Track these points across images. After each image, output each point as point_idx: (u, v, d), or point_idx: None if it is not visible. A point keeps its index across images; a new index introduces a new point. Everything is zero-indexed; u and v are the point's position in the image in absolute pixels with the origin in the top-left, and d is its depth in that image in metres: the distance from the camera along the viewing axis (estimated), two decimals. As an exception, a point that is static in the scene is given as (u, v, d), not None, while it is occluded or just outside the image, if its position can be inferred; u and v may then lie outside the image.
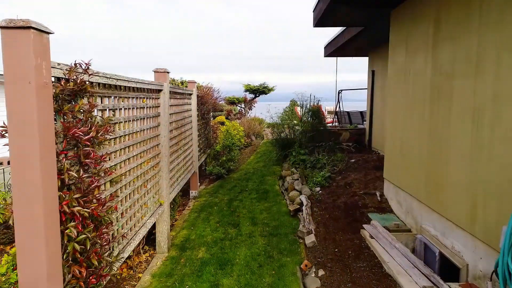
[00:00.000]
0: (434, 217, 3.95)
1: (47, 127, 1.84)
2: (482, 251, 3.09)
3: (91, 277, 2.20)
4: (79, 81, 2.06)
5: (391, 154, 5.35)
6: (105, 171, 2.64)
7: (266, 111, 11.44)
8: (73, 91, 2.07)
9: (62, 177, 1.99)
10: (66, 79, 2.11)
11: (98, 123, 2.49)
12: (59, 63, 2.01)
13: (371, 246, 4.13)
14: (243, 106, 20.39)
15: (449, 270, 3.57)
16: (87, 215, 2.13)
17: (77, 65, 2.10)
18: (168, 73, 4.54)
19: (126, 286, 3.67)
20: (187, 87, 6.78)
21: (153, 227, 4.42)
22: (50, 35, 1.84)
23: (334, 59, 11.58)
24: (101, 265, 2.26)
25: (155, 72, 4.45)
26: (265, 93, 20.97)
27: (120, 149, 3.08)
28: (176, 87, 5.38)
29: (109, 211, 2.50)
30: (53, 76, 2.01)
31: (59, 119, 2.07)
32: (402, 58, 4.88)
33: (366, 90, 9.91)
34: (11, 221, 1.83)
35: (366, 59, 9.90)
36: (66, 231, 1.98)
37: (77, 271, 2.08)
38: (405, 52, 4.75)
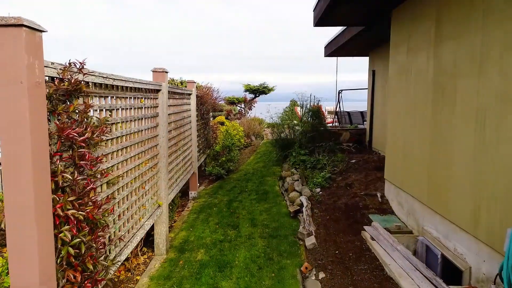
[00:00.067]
0: (436, 219, 3.89)
1: (40, 128, 1.78)
2: (485, 254, 3.04)
3: (86, 282, 2.14)
4: (73, 81, 2.00)
5: (392, 154, 5.30)
6: (102, 172, 2.58)
7: (266, 111, 11.38)
8: (68, 91, 2.02)
9: (56, 179, 1.94)
10: (60, 78, 2.06)
11: (94, 123, 2.44)
12: (52, 62, 1.96)
13: (372, 248, 4.07)
14: (243, 106, 20.33)
15: (451, 273, 3.52)
16: (82, 218, 2.07)
17: (72, 64, 2.04)
18: (166, 72, 4.48)
19: (123, 289, 3.62)
20: (186, 87, 6.73)
21: (152, 229, 4.36)
22: (43, 33, 1.79)
23: (334, 59, 11.54)
24: (97, 270, 2.21)
25: (153, 71, 4.39)
26: (265, 93, 20.93)
27: (117, 150, 3.02)
28: (175, 87, 5.33)
29: (105, 213, 2.45)
30: (47, 75, 1.96)
31: (53, 120, 2.01)
32: (403, 57, 4.82)
33: (366, 90, 9.85)
34: (2, 225, 1.78)
35: (366, 59, 9.85)
36: (60, 235, 1.92)
37: (72, 276, 2.02)
38: (407, 51, 4.70)
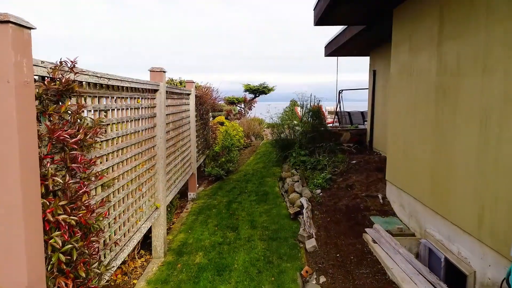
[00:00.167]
0: (439, 221, 3.81)
1: (28, 129, 1.70)
2: (491, 258, 2.96)
3: (79, 289, 2.06)
4: (64, 80, 1.92)
5: (393, 155, 5.22)
6: (96, 175, 2.50)
7: (266, 111, 11.28)
8: (59, 91, 1.94)
9: (46, 183, 1.86)
10: (51, 78, 1.98)
11: (87, 125, 2.36)
12: (43, 61, 1.88)
13: (374, 251, 3.99)
14: (242, 106, 20.24)
15: (455, 277, 3.44)
16: (74, 223, 1.99)
17: (63, 63, 1.96)
18: (164, 72, 4.40)
19: (120, 293, 3.54)
20: (185, 87, 6.65)
21: (149, 231, 4.29)
22: (31, 30, 1.71)
23: (334, 59, 11.46)
24: (90, 277, 2.13)
25: (150, 71, 4.31)
26: (265, 93, 20.84)
27: (112, 152, 2.94)
28: (173, 87, 5.25)
29: (99, 217, 2.37)
30: (37, 75, 1.88)
31: (44, 121, 1.93)
32: (405, 57, 4.75)
33: (367, 90, 9.77)
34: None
35: (367, 59, 9.76)
36: (50, 241, 1.84)
37: (63, 283, 1.94)
38: (408, 50, 4.62)
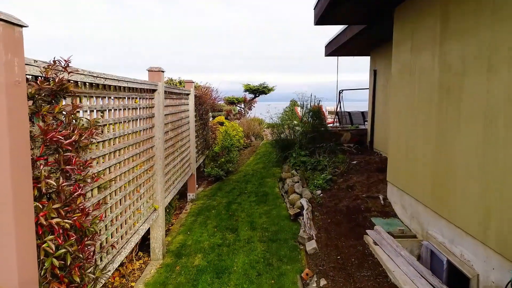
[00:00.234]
0: (441, 223, 3.76)
1: (20, 130, 1.65)
2: (494, 261, 2.90)
3: (74, 294, 2.01)
4: (58, 80, 1.87)
5: (394, 156, 5.16)
6: (92, 177, 2.45)
7: (265, 111, 11.23)
8: (52, 91, 1.88)
9: (39, 185, 1.81)
10: (45, 77, 1.93)
11: (83, 125, 2.30)
12: (35, 60, 1.82)
13: (375, 253, 3.94)
14: (242, 106, 20.19)
15: (458, 279, 3.39)
16: (68, 226, 1.94)
17: (57, 62, 1.91)
18: (163, 72, 4.35)
19: (117, 296, 3.49)
20: (184, 87, 6.59)
21: (148, 233, 4.23)
22: (23, 28, 1.66)
23: (334, 58, 11.38)
24: (84, 282, 2.07)
25: (149, 71, 4.26)
26: (265, 93, 20.79)
27: (109, 153, 2.89)
28: (172, 87, 5.20)
29: (95, 220, 2.31)
30: (30, 74, 1.83)
31: (37, 122, 1.88)
32: (407, 56, 4.69)
33: (367, 90, 9.71)
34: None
35: (367, 59, 9.70)
36: (43, 246, 1.79)
37: (57, 289, 1.89)
38: (410, 50, 4.56)
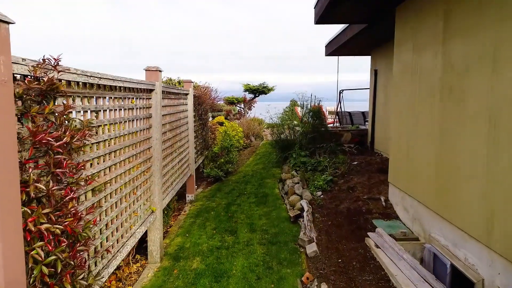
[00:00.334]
0: (444, 225, 3.68)
1: (6, 131, 1.57)
2: (500, 266, 2.82)
3: (65, 303, 1.93)
4: (48, 79, 1.79)
5: (396, 157, 5.08)
6: (86, 179, 2.37)
7: (265, 111, 11.14)
8: (42, 90, 1.81)
9: (27, 190, 1.73)
10: (35, 77, 1.85)
11: (75, 126, 2.23)
12: (24, 59, 1.75)
13: (376, 256, 3.86)
14: (242, 106, 20.10)
15: (462, 284, 3.31)
16: (59, 232, 1.87)
17: (46, 60, 1.83)
18: (160, 71, 4.27)
19: (113, 301, 3.41)
20: (183, 86, 6.52)
21: (145, 235, 4.15)
22: (10, 25, 1.58)
23: (335, 58, 11.30)
24: (75, 290, 2.00)
25: (146, 70, 4.18)
26: (265, 93, 20.71)
27: (104, 154, 2.81)
28: (170, 87, 5.12)
29: (88, 225, 2.24)
30: (18, 73, 1.75)
31: (26, 123, 1.80)
32: (408, 55, 4.61)
33: (368, 90, 9.63)
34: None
35: (368, 58, 9.62)
36: (31, 253, 1.71)
37: (47, 297, 1.82)
38: (412, 49, 4.48)
